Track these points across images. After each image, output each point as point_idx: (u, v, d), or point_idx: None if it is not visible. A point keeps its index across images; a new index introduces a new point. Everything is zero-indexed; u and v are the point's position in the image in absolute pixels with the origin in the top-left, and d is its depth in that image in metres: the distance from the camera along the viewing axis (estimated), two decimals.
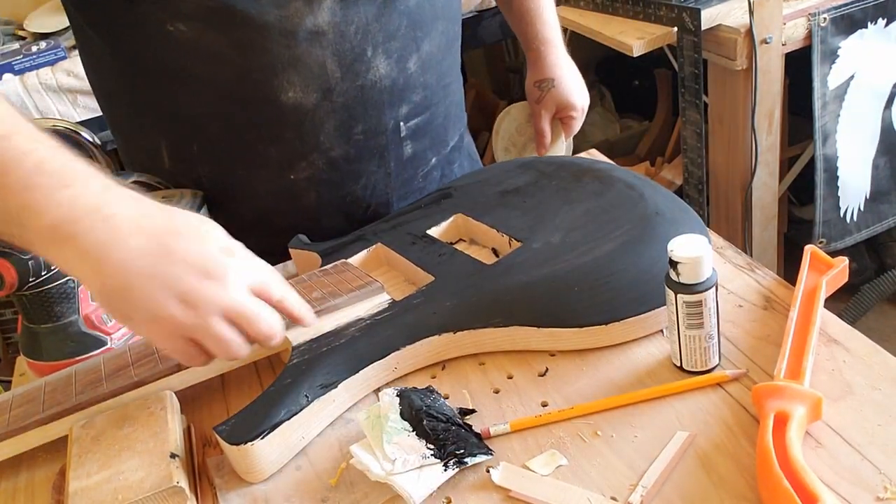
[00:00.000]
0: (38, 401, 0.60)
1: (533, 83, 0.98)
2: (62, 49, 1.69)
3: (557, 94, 0.96)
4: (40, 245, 0.51)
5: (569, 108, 0.97)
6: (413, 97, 0.80)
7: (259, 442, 0.54)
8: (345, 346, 0.61)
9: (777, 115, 1.43)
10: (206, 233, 0.54)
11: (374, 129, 0.78)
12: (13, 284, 0.62)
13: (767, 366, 0.56)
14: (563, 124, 1.00)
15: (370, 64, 0.74)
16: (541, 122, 0.98)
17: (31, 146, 0.51)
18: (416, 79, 0.79)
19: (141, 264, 0.50)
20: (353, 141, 0.78)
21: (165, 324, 0.51)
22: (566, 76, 0.97)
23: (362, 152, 0.79)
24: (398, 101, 0.78)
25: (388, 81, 0.76)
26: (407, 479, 0.51)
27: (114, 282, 0.50)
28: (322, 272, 0.69)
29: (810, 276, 0.62)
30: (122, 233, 0.50)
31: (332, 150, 0.78)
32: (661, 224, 0.66)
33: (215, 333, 0.52)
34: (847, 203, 1.51)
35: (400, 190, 0.85)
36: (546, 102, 0.97)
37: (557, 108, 0.97)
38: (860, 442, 0.49)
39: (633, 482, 0.49)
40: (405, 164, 0.83)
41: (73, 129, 1.45)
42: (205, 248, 0.52)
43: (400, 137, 0.81)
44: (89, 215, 0.50)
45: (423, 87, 0.80)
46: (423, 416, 0.54)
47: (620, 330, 0.60)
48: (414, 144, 0.83)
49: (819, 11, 1.35)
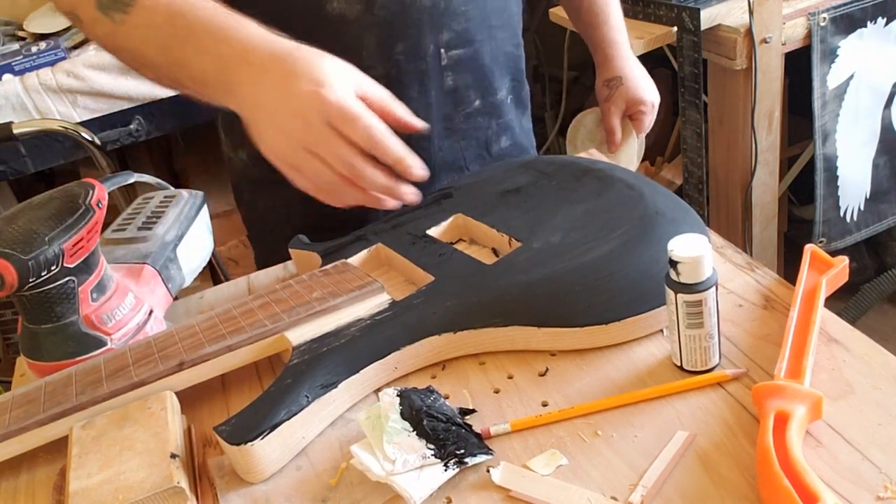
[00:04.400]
0: (39, 401, 0.60)
1: (602, 83, 1.01)
2: (62, 49, 1.69)
3: (626, 90, 0.99)
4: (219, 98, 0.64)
5: (638, 104, 1.00)
6: (454, 25, 0.82)
7: (259, 442, 0.54)
8: (345, 346, 0.61)
9: (777, 114, 1.43)
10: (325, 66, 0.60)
11: (415, 50, 0.80)
12: (13, 284, 0.62)
13: (767, 365, 0.56)
14: (633, 121, 1.02)
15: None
16: (611, 120, 1.01)
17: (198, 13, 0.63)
18: (457, 7, 0.81)
19: (263, 101, 0.60)
20: (394, 60, 0.80)
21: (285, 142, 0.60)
22: (634, 73, 1.00)
23: (403, 75, 0.81)
24: (438, 26, 0.81)
25: (430, 2, 0.79)
26: (407, 479, 0.51)
27: (250, 120, 0.61)
28: (322, 272, 0.69)
29: (810, 275, 0.62)
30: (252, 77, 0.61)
31: (374, 69, 0.79)
32: (661, 224, 0.66)
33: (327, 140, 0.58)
34: (847, 202, 1.51)
35: (440, 124, 0.86)
36: (615, 100, 1.00)
37: (627, 104, 1.00)
38: (861, 441, 0.49)
39: (634, 482, 0.49)
40: (447, 97, 0.85)
41: (73, 129, 1.45)
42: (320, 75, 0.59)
43: (440, 66, 0.83)
44: (238, 69, 0.61)
45: (465, 17, 0.82)
46: (424, 416, 0.54)
47: (620, 330, 0.60)
48: (455, 77, 0.84)
49: (818, 11, 1.35)
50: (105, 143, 1.60)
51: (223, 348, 0.62)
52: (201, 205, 0.84)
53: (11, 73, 1.64)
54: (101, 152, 1.47)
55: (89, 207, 0.66)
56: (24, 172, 1.68)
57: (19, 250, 0.62)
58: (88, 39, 0.83)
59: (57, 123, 1.48)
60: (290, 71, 0.59)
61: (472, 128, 0.89)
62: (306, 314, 0.63)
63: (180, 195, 0.83)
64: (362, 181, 0.60)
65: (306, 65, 0.59)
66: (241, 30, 0.62)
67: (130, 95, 1.67)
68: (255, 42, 0.61)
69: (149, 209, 0.81)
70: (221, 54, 0.61)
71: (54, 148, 1.65)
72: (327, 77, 0.59)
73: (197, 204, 0.83)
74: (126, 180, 0.76)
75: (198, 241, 0.81)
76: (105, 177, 0.73)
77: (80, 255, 0.65)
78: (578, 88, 2.22)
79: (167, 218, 0.79)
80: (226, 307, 0.66)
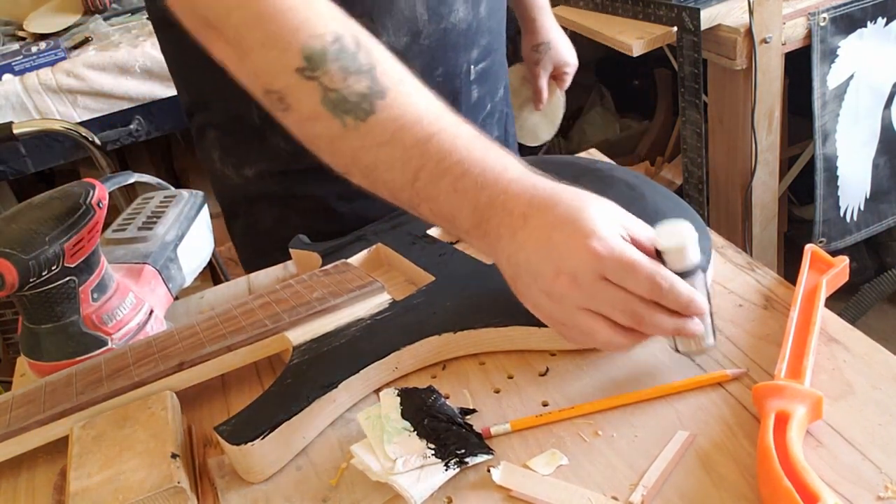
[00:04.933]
0: (39, 401, 0.60)
1: (531, 47, 1.12)
2: (62, 49, 1.69)
3: (554, 54, 1.12)
4: (465, 239, 0.56)
5: (564, 66, 1.13)
6: (481, 41, 0.85)
7: (259, 442, 0.54)
8: (345, 346, 0.61)
9: (777, 114, 1.43)
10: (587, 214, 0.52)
11: (452, 71, 0.83)
12: (13, 284, 0.62)
13: (768, 365, 0.56)
14: (557, 80, 1.15)
15: (452, 7, 0.79)
16: (540, 82, 1.14)
17: (452, 145, 0.54)
18: (484, 23, 0.84)
19: (523, 257, 0.52)
20: (435, 83, 0.81)
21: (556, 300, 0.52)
22: (559, 37, 1.12)
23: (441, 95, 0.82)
24: (471, 45, 0.83)
25: (465, 25, 0.81)
26: (408, 479, 0.51)
27: (508, 274, 0.54)
28: (322, 272, 0.69)
29: (810, 275, 0.62)
30: (511, 231, 0.52)
31: None
32: None
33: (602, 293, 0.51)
34: (847, 202, 1.51)
35: None
36: (545, 63, 1.12)
37: (554, 67, 1.12)
38: (861, 441, 0.49)
39: (634, 482, 0.49)
40: (471, 108, 0.88)
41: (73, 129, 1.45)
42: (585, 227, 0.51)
43: (469, 80, 0.86)
44: (495, 218, 0.53)
45: (489, 31, 0.86)
46: (424, 415, 0.54)
47: None
48: (479, 88, 0.88)
49: (818, 11, 1.35)
50: (105, 143, 1.60)
51: (223, 348, 0.62)
52: (201, 205, 0.84)
53: (11, 73, 1.64)
54: (101, 152, 1.47)
55: (90, 207, 0.66)
56: (24, 172, 1.68)
57: (20, 250, 0.62)
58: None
59: (57, 123, 1.48)
60: (553, 223, 0.51)
61: (488, 130, 0.93)
62: (307, 314, 0.63)
63: (180, 195, 0.84)
64: (647, 328, 0.52)
65: (570, 213, 0.51)
66: (500, 171, 0.54)
67: (130, 95, 1.67)
68: (516, 187, 0.53)
69: (149, 209, 0.81)
70: (479, 201, 0.53)
71: (54, 148, 1.65)
72: (595, 226, 0.50)
73: (197, 204, 0.83)
74: (126, 180, 0.76)
75: (198, 241, 0.81)
76: (105, 177, 0.73)
77: (81, 255, 0.65)
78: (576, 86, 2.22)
79: (167, 218, 0.79)
80: (226, 307, 0.66)
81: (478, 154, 0.54)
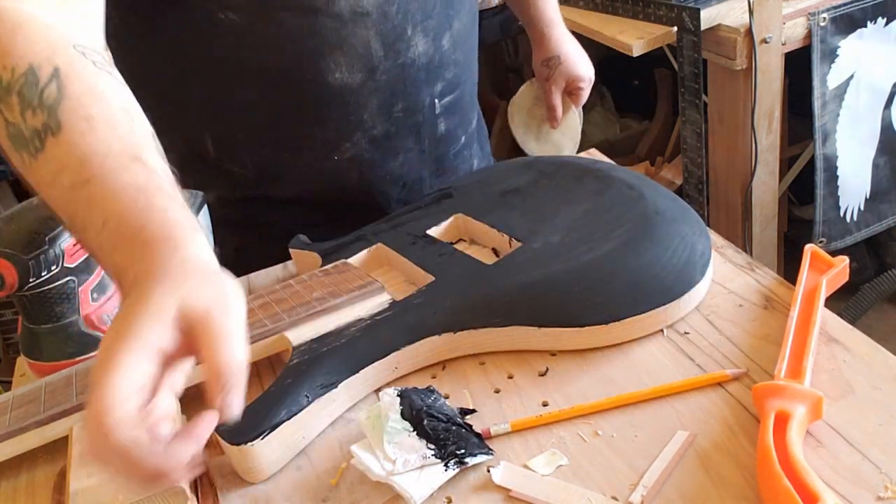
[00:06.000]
0: (39, 401, 0.60)
1: (540, 62, 1.04)
2: None
3: (565, 69, 1.02)
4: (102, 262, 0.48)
5: (577, 81, 1.03)
6: (446, 74, 0.83)
7: (259, 442, 0.54)
8: (345, 346, 0.61)
9: (777, 114, 1.43)
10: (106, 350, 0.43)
11: (413, 106, 0.81)
12: (13, 284, 0.62)
13: (768, 365, 0.56)
14: (572, 96, 1.05)
15: (410, 42, 0.77)
16: (552, 98, 1.04)
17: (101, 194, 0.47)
18: (448, 56, 0.82)
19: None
20: (394, 119, 0.80)
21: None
22: (571, 51, 1.03)
23: (401, 130, 0.82)
24: (434, 79, 0.81)
25: (426, 59, 0.79)
26: (407, 479, 0.51)
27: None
28: (322, 272, 0.69)
29: (810, 275, 0.62)
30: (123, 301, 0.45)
31: (375, 129, 0.80)
32: (661, 224, 0.66)
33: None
34: (847, 202, 1.51)
35: (432, 166, 0.87)
36: (555, 79, 1.03)
37: (567, 82, 1.03)
38: (861, 441, 0.49)
39: (634, 482, 0.49)
40: (438, 142, 0.86)
41: None
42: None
43: (434, 114, 0.84)
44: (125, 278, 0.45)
45: (455, 64, 0.83)
46: (424, 416, 0.54)
47: (620, 330, 0.60)
48: (446, 121, 0.86)
49: (818, 11, 1.35)
50: None
51: None
52: (201, 205, 0.84)
53: None
54: None
55: None
56: None
57: (20, 250, 0.62)
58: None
59: None
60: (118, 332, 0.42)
61: (459, 162, 0.91)
62: (306, 314, 0.63)
63: None
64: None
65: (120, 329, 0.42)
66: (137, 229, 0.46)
67: None
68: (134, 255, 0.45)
69: None
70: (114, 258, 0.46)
71: None
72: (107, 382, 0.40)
73: (197, 204, 0.83)
74: None
75: None
76: None
77: (81, 255, 0.65)
78: None
79: None
80: None
81: (123, 207, 0.46)
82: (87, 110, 0.49)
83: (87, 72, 0.51)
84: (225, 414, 0.43)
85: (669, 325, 0.62)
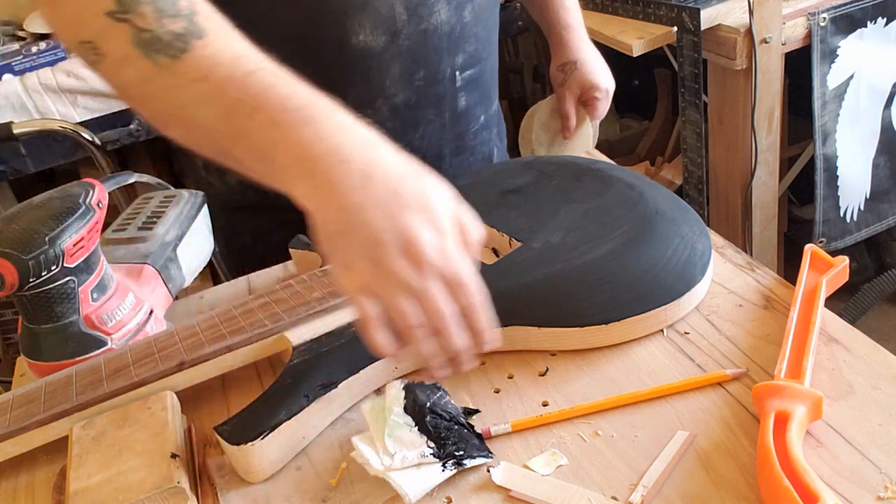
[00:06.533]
0: (39, 401, 0.60)
1: (556, 67, 0.98)
2: (62, 49, 1.69)
3: (581, 75, 0.96)
4: (283, 179, 0.52)
5: (593, 89, 0.97)
6: (468, 47, 0.83)
7: (259, 442, 0.54)
8: (345, 346, 0.61)
9: (777, 114, 1.43)
10: (435, 193, 0.52)
11: (434, 76, 0.81)
12: (13, 284, 0.62)
13: (768, 365, 0.56)
14: (587, 107, 0.99)
15: (433, 9, 0.77)
16: (566, 106, 0.98)
17: (273, 80, 0.52)
18: (470, 28, 0.82)
19: (365, 216, 0.49)
20: (415, 87, 0.80)
21: (383, 274, 0.49)
22: (589, 58, 0.97)
23: (422, 100, 0.82)
24: (455, 49, 0.81)
25: (448, 28, 0.79)
26: (404, 476, 0.51)
27: (335, 226, 0.50)
28: (322, 272, 0.69)
29: (810, 275, 0.62)
30: (353, 180, 0.50)
31: (396, 97, 0.80)
32: (661, 224, 0.66)
33: (433, 293, 0.49)
34: (847, 202, 1.51)
35: (452, 143, 0.87)
36: (570, 85, 0.98)
37: (581, 89, 0.97)
38: (861, 441, 0.49)
39: (634, 482, 0.49)
40: (459, 117, 0.86)
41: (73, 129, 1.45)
42: (433, 208, 0.51)
43: (455, 87, 0.84)
44: (326, 157, 0.50)
45: (476, 38, 0.83)
46: (427, 412, 0.54)
47: (620, 330, 0.60)
48: (467, 97, 0.86)
49: (818, 11, 1.35)
50: (105, 143, 1.60)
51: (223, 348, 0.62)
52: (201, 205, 0.84)
53: (11, 73, 1.64)
54: (101, 152, 1.47)
55: (89, 207, 0.66)
56: (24, 172, 1.68)
57: (20, 250, 0.62)
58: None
59: (57, 123, 1.48)
60: (402, 195, 0.50)
61: (478, 143, 0.91)
62: (306, 314, 0.63)
63: (180, 195, 0.83)
64: (447, 338, 0.50)
65: (418, 193, 0.51)
66: (329, 111, 0.52)
67: None
68: (350, 135, 0.51)
69: (149, 209, 0.81)
70: (303, 135, 0.51)
71: (54, 148, 1.65)
72: (440, 218, 0.50)
73: (197, 204, 0.83)
74: (126, 180, 0.76)
75: (198, 241, 0.81)
76: (105, 177, 0.73)
77: (81, 255, 0.65)
78: None
79: (167, 218, 0.79)
80: (226, 307, 0.66)
81: (302, 91, 0.52)
82: (220, 23, 0.55)
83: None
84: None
85: (669, 325, 0.62)
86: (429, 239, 0.49)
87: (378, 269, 0.49)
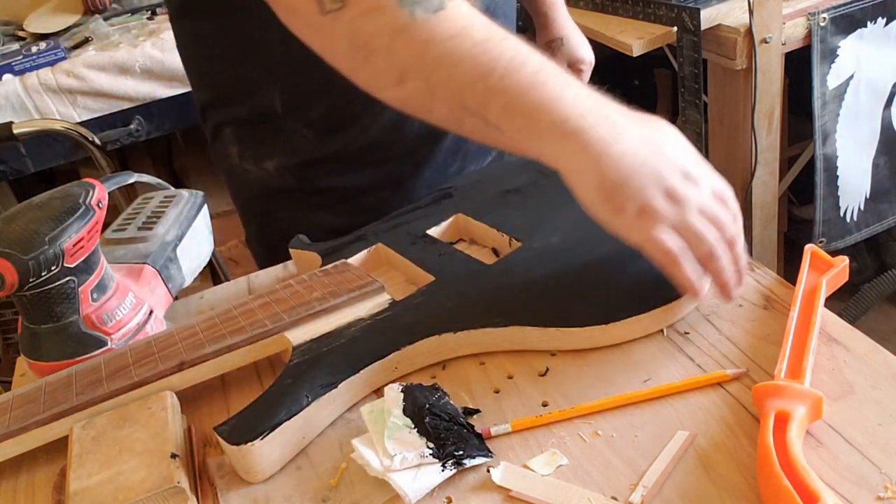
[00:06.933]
0: (39, 401, 0.60)
1: (544, 44, 1.07)
2: (62, 49, 1.69)
3: (568, 51, 1.07)
4: (541, 141, 0.55)
5: (579, 63, 1.07)
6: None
7: (259, 442, 0.54)
8: (345, 345, 0.61)
9: (777, 114, 1.43)
10: (682, 140, 0.57)
11: None
12: (13, 284, 0.62)
13: (768, 365, 0.56)
14: None
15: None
16: None
17: (526, 46, 0.55)
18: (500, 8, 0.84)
19: (635, 160, 0.53)
20: None
21: (653, 215, 0.53)
22: (574, 34, 1.08)
23: None
24: None
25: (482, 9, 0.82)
26: (404, 477, 0.51)
27: (613, 175, 0.53)
28: (322, 272, 0.69)
29: (810, 275, 0.62)
30: (620, 129, 0.54)
31: None
32: None
33: (698, 227, 0.54)
34: (847, 202, 1.51)
35: None
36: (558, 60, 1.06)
37: (568, 64, 1.07)
38: (861, 441, 0.49)
39: (634, 482, 0.49)
40: None
41: (73, 129, 1.45)
42: (685, 152, 0.56)
43: None
44: (592, 112, 0.54)
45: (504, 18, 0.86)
46: (426, 413, 0.54)
47: (620, 330, 0.60)
48: None
49: (818, 11, 1.35)
50: (105, 143, 1.60)
51: (223, 348, 0.62)
52: (201, 205, 0.84)
53: (11, 73, 1.65)
54: (101, 152, 1.47)
55: (89, 207, 0.66)
56: (24, 172, 1.68)
57: (19, 250, 0.62)
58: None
59: (57, 123, 1.48)
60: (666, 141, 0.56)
61: None
62: (306, 314, 0.63)
63: (180, 195, 0.84)
64: (717, 261, 0.55)
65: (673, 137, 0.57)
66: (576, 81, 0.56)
67: (130, 95, 1.67)
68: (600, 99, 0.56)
69: (149, 209, 0.81)
70: (565, 95, 0.54)
71: (54, 148, 1.65)
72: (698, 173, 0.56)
73: (197, 204, 0.83)
74: (126, 180, 0.76)
75: (198, 241, 0.81)
76: (105, 177, 0.73)
77: (81, 255, 0.65)
78: None
79: (167, 218, 0.79)
80: (226, 307, 0.66)
81: (551, 62, 0.56)
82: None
83: None
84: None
85: (669, 325, 0.62)
86: (694, 165, 0.55)
87: (673, 199, 0.53)
